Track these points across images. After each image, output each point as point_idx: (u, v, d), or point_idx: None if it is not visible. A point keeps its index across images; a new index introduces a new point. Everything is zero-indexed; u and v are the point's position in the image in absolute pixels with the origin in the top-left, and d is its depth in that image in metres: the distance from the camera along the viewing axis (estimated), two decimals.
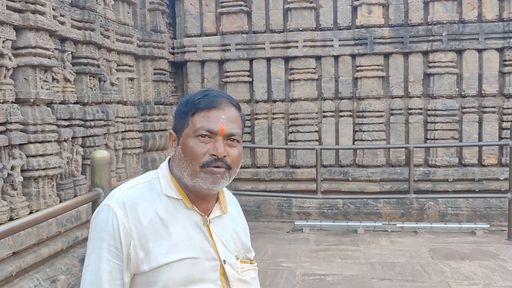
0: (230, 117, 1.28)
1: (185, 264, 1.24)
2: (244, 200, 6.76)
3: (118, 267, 1.21)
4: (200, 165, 1.25)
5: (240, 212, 1.50)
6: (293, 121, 6.81)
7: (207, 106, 1.27)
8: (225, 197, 1.41)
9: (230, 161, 1.27)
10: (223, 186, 1.30)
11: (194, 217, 1.30)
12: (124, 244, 1.21)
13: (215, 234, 1.32)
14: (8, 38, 3.75)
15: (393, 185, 6.56)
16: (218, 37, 6.90)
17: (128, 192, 1.28)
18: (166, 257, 1.22)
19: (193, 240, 1.27)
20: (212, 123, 1.25)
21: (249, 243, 1.47)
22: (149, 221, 1.24)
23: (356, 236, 5.86)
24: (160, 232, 1.25)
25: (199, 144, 1.25)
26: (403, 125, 6.67)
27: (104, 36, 5.25)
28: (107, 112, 5.29)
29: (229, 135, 1.27)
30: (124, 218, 1.22)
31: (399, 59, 6.63)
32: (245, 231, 1.47)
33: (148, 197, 1.28)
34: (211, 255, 1.29)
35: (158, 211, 1.26)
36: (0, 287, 3.33)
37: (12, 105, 3.79)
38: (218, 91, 1.33)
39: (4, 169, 3.67)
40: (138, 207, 1.25)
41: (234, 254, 1.35)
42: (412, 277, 4.44)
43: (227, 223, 1.38)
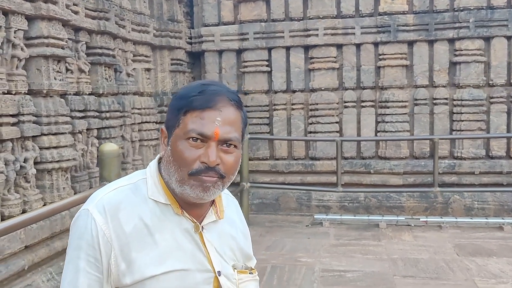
0: (227, 119, 1.12)
1: (173, 277, 1.10)
2: (262, 193, 6.64)
3: (97, 280, 1.08)
4: (188, 173, 1.10)
5: (240, 214, 1.36)
6: (313, 111, 6.64)
7: (201, 106, 1.11)
8: (221, 200, 1.27)
9: (224, 170, 1.12)
10: (215, 196, 1.14)
11: (185, 224, 1.16)
12: (104, 254, 1.08)
13: (209, 242, 1.18)
14: (19, 28, 3.68)
15: (417, 178, 6.35)
16: (236, 26, 6.75)
17: (109, 195, 1.13)
18: (152, 269, 1.09)
19: (183, 249, 1.14)
20: (205, 126, 1.10)
21: (250, 250, 1.34)
22: (133, 228, 1.10)
23: (377, 230, 5.68)
24: (145, 240, 1.10)
25: (189, 149, 1.10)
26: (428, 115, 6.43)
27: (120, 26, 5.16)
28: (123, 103, 5.21)
29: (225, 140, 1.12)
30: (104, 225, 1.09)
31: (424, 47, 6.37)
32: (246, 236, 1.34)
33: (132, 200, 1.13)
34: (203, 266, 1.16)
35: (143, 217, 1.12)
36: (12, 281, 3.30)
37: (25, 96, 3.73)
38: (218, 85, 1.17)
39: (17, 161, 3.62)
40: (120, 212, 1.11)
41: (231, 264, 1.22)
42: (436, 274, 4.26)
43: (224, 229, 1.24)
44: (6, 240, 3.20)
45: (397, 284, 4.06)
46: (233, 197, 1.37)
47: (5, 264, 3.22)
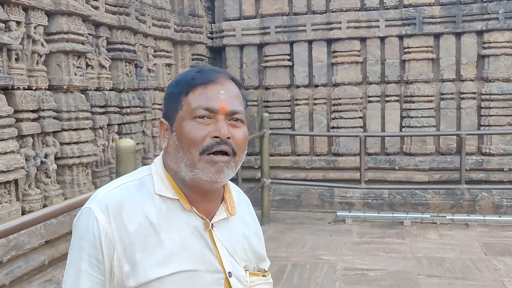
0: (231, 93, 1.08)
1: (180, 278, 1.03)
2: (283, 189, 6.57)
3: (99, 282, 1.02)
4: (199, 152, 1.04)
5: (252, 213, 1.29)
6: (335, 106, 6.52)
7: (203, 81, 1.07)
8: (232, 196, 1.19)
9: (235, 145, 1.07)
10: (228, 178, 1.08)
11: (193, 221, 1.09)
12: (106, 256, 1.02)
13: (219, 241, 1.11)
14: (40, 23, 3.69)
15: (443, 175, 6.17)
16: (258, 20, 6.67)
17: (112, 193, 1.07)
18: (157, 271, 1.02)
19: (191, 248, 1.06)
20: (211, 100, 1.05)
21: (263, 251, 1.26)
22: (137, 228, 1.04)
23: (402, 228, 5.54)
24: (150, 240, 1.04)
25: (197, 127, 1.05)
26: (455, 110, 6.24)
27: (140, 21, 5.14)
28: (143, 99, 5.21)
29: (232, 113, 1.07)
30: (107, 224, 1.02)
31: (451, 39, 6.18)
32: (259, 236, 1.26)
33: (136, 198, 1.07)
34: (213, 266, 1.08)
35: (148, 215, 1.05)
36: (33, 276, 3.31)
37: (45, 92, 3.74)
38: (213, 67, 1.14)
39: (37, 157, 3.64)
40: (124, 210, 1.04)
41: (242, 265, 1.14)
42: (462, 274, 4.12)
43: (236, 227, 1.17)
44: (26, 235, 3.21)
45: (422, 283, 3.94)
46: (245, 195, 1.31)
47: (25, 259, 3.24)
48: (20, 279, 3.15)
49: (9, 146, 3.21)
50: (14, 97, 3.42)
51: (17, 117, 3.40)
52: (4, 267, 3.03)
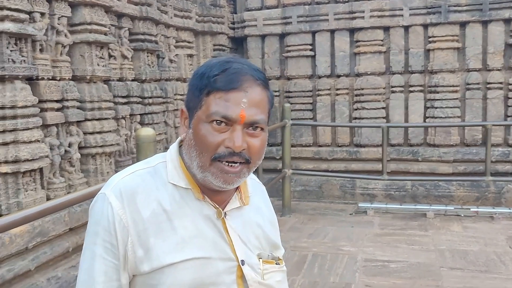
0: (254, 100, 1.03)
1: (193, 265, 1.04)
2: (305, 180, 6.55)
3: (114, 266, 1.03)
4: (211, 158, 1.03)
5: (267, 201, 1.28)
6: (358, 97, 6.45)
7: (226, 87, 1.02)
8: (246, 185, 1.19)
9: (250, 154, 1.05)
10: (238, 184, 1.08)
11: (206, 210, 1.10)
12: (120, 240, 1.03)
13: (232, 229, 1.11)
14: (63, 14, 3.74)
15: (468, 166, 6.06)
16: (279, 10, 6.63)
17: (126, 179, 1.08)
18: (170, 257, 1.03)
19: (204, 236, 1.07)
20: (230, 109, 1.02)
21: (277, 239, 1.25)
22: (151, 214, 1.05)
23: (425, 220, 5.47)
24: (164, 226, 1.05)
25: (212, 133, 1.03)
26: (481, 101, 6.10)
27: (162, 12, 5.17)
28: (165, 89, 5.24)
29: (251, 123, 1.04)
30: (121, 210, 1.03)
31: (477, 28, 6.03)
32: (273, 224, 1.26)
33: (150, 184, 1.08)
34: (226, 254, 1.09)
35: (161, 202, 1.06)
36: (57, 261, 3.39)
37: (69, 82, 3.80)
38: (242, 62, 1.07)
39: (62, 146, 3.71)
40: (138, 196, 1.05)
41: (255, 253, 1.14)
42: (486, 268, 4.05)
43: (249, 216, 1.17)
44: (51, 223, 3.29)
45: (444, 276, 3.89)
46: (260, 183, 1.30)
47: (51, 246, 3.31)
48: (46, 265, 3.23)
49: (34, 135, 3.28)
50: (38, 87, 3.48)
51: (41, 106, 3.47)
52: (30, 253, 3.11)
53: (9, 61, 3.16)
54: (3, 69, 3.10)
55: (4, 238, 2.86)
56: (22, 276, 3.02)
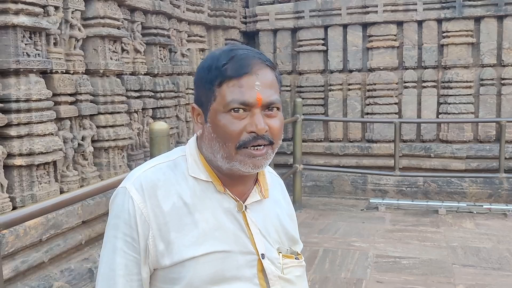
0: (266, 82, 1.04)
1: (214, 258, 1.04)
2: (316, 175, 6.53)
3: (134, 260, 1.04)
4: (236, 147, 1.03)
5: (285, 195, 1.28)
6: (370, 92, 6.41)
7: (237, 73, 1.02)
8: (265, 178, 1.18)
9: (272, 135, 1.05)
10: (266, 167, 1.09)
11: (227, 203, 1.09)
12: (141, 234, 1.03)
13: (253, 222, 1.10)
14: (77, 8, 3.76)
15: (481, 163, 6.00)
16: (291, 4, 6.60)
17: (147, 173, 1.08)
18: (191, 250, 1.03)
19: (224, 229, 1.07)
20: (246, 94, 1.02)
21: (296, 233, 1.24)
22: (172, 207, 1.04)
23: (436, 217, 5.44)
24: (184, 220, 1.04)
25: (232, 121, 1.02)
26: (495, 97, 6.04)
27: (174, 6, 5.17)
28: (177, 84, 5.25)
29: (268, 104, 1.04)
30: (142, 203, 1.03)
31: (492, 23, 5.95)
32: (292, 218, 1.25)
33: (171, 178, 1.07)
34: (246, 247, 1.08)
35: (182, 195, 1.06)
36: (71, 254, 3.42)
37: (82, 76, 3.82)
38: (244, 48, 1.08)
39: (75, 139, 3.74)
40: (159, 190, 1.05)
41: (275, 247, 1.14)
42: (498, 265, 4.02)
43: (269, 209, 1.16)
44: (64, 215, 3.31)
45: (456, 273, 3.87)
46: (278, 176, 1.29)
47: (64, 238, 3.34)
48: (59, 257, 3.26)
49: (48, 129, 3.30)
50: (52, 81, 3.50)
51: (55, 100, 3.49)
52: (44, 245, 3.14)
53: (23, 54, 3.18)
54: (18, 63, 3.12)
55: (18, 230, 2.89)
56: (36, 268, 3.05)
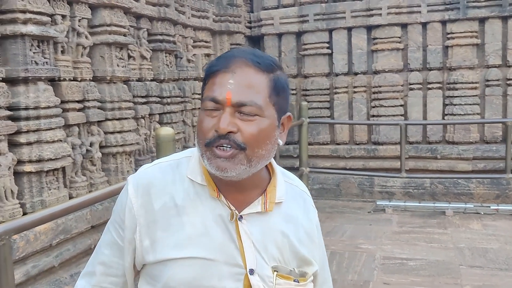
0: (242, 81, 0.98)
1: (194, 264, 1.02)
2: (322, 178, 6.55)
3: (118, 246, 1.09)
4: (204, 144, 1.00)
5: (310, 212, 1.17)
6: (375, 94, 6.43)
7: (214, 70, 1.01)
8: (276, 190, 1.09)
9: (243, 139, 0.98)
10: (235, 173, 0.99)
11: (220, 210, 1.05)
12: (127, 226, 1.06)
13: (246, 234, 1.04)
14: (83, 16, 3.82)
15: (488, 164, 5.99)
16: (296, 8, 6.64)
17: (148, 170, 1.10)
18: (173, 251, 1.02)
19: (211, 237, 1.03)
20: (216, 90, 0.99)
21: (310, 253, 1.12)
22: (162, 206, 1.05)
23: (444, 218, 5.44)
24: (172, 221, 1.04)
25: (205, 119, 1.00)
26: (500, 97, 6.04)
27: (179, 12, 5.23)
28: (183, 89, 5.31)
29: (239, 105, 0.97)
30: (134, 199, 1.06)
31: (497, 24, 5.96)
32: (311, 236, 1.14)
33: (168, 178, 1.07)
34: (233, 259, 1.03)
35: (174, 196, 1.05)
36: (80, 258, 3.47)
37: (90, 82, 3.88)
38: (242, 50, 1.05)
39: (83, 145, 3.79)
40: (152, 188, 1.06)
41: (271, 265, 1.06)
42: (506, 266, 4.02)
43: (274, 224, 1.08)
44: (73, 220, 3.36)
45: (463, 274, 3.87)
46: (304, 191, 1.19)
47: (73, 243, 3.39)
48: (69, 262, 3.31)
49: (56, 135, 3.36)
50: (60, 88, 3.56)
51: (63, 107, 3.55)
52: (54, 249, 3.19)
53: (32, 63, 3.23)
54: (27, 71, 3.18)
55: (29, 236, 2.94)
56: (46, 272, 3.10)
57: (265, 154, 1.01)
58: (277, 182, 1.10)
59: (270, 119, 1.01)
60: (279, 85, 1.03)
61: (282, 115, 1.06)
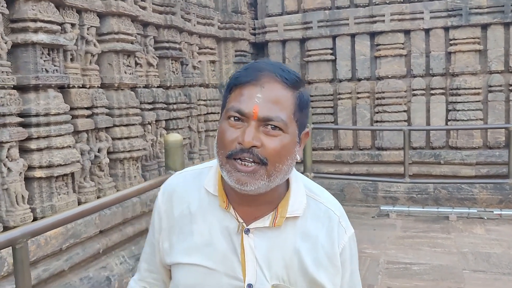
0: (270, 96, 0.98)
1: (197, 270, 1.07)
2: (326, 183, 6.58)
3: (154, 245, 1.20)
4: (226, 155, 1.00)
5: (333, 229, 1.10)
6: (379, 100, 6.49)
7: (242, 81, 1.01)
8: (288, 205, 1.07)
9: (265, 154, 0.97)
10: (254, 188, 0.99)
11: (227, 221, 1.07)
12: (156, 228, 1.18)
13: (250, 248, 1.05)
14: (92, 25, 3.89)
15: (491, 169, 6.03)
16: (300, 15, 6.71)
17: (174, 178, 1.19)
18: (181, 257, 1.10)
19: (215, 247, 1.07)
20: (243, 103, 0.98)
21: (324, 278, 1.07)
22: (179, 214, 1.13)
23: (447, 223, 5.47)
24: (185, 228, 1.11)
25: (228, 129, 1.00)
26: (503, 103, 6.08)
27: (185, 20, 5.30)
28: (189, 95, 5.37)
29: (265, 120, 0.97)
30: (162, 205, 1.16)
31: (499, 30, 6.01)
32: (331, 259, 1.08)
33: (188, 187, 1.14)
34: (234, 272, 1.05)
35: (190, 205, 1.12)
36: (89, 262, 3.53)
37: (98, 89, 3.94)
38: (269, 62, 1.04)
39: (92, 151, 3.86)
40: (174, 196, 1.15)
41: (272, 283, 1.05)
42: (509, 270, 4.05)
43: (286, 240, 1.06)
44: (82, 225, 3.42)
45: (466, 278, 3.91)
46: (332, 209, 1.12)
47: (82, 247, 3.45)
48: (78, 265, 3.37)
49: (66, 141, 3.42)
50: (70, 95, 3.63)
51: (72, 114, 3.61)
52: (63, 253, 3.25)
53: (42, 70, 3.30)
54: (37, 79, 3.25)
55: (40, 240, 3.00)
56: (57, 276, 3.16)
57: (285, 169, 1.01)
58: (291, 196, 1.08)
59: (292, 135, 1.02)
60: (302, 102, 1.04)
61: (302, 131, 1.06)
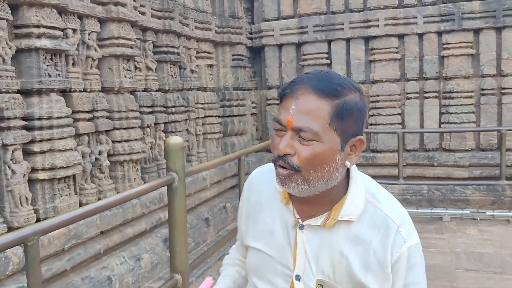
0: (303, 108, 1.05)
1: (259, 255, 1.22)
2: None
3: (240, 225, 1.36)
4: (272, 160, 1.14)
5: (389, 237, 1.11)
6: (373, 103, 6.60)
7: (283, 94, 1.11)
8: (341, 208, 1.12)
9: (297, 162, 1.06)
10: (295, 190, 1.09)
11: (287, 215, 1.19)
12: (239, 212, 1.34)
13: (302, 242, 1.14)
14: (93, 30, 3.97)
15: (483, 171, 6.15)
16: (296, 20, 6.82)
17: (256, 171, 1.35)
18: (250, 241, 1.26)
19: (274, 237, 1.20)
20: (281, 114, 1.08)
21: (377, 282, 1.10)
22: (254, 202, 1.28)
23: (441, 224, 5.58)
24: (256, 216, 1.26)
25: (275, 137, 1.11)
26: (495, 106, 6.20)
27: (183, 25, 5.39)
28: (187, 99, 5.45)
29: (298, 130, 1.05)
30: (244, 192, 1.33)
31: (491, 34, 6.14)
32: (382, 265, 1.09)
33: (264, 179, 1.28)
34: (287, 261, 1.16)
35: (262, 196, 1.26)
36: (90, 263, 3.60)
37: (98, 93, 4.02)
38: (314, 73, 1.10)
39: (92, 154, 3.93)
40: (253, 185, 1.31)
41: (317, 277, 1.12)
42: (501, 269, 4.15)
43: (336, 241, 1.12)
44: (84, 226, 3.50)
45: (459, 277, 4.01)
46: (392, 217, 1.14)
47: (84, 247, 3.52)
48: (80, 266, 3.44)
49: (68, 144, 3.50)
50: (71, 99, 3.71)
51: (74, 117, 3.69)
52: (66, 254, 3.32)
53: (45, 75, 3.38)
54: (40, 83, 3.33)
55: (43, 240, 3.08)
56: (59, 276, 3.23)
57: (324, 175, 1.07)
58: (347, 199, 1.13)
59: (329, 144, 1.05)
60: (343, 111, 1.05)
61: (349, 139, 1.08)
